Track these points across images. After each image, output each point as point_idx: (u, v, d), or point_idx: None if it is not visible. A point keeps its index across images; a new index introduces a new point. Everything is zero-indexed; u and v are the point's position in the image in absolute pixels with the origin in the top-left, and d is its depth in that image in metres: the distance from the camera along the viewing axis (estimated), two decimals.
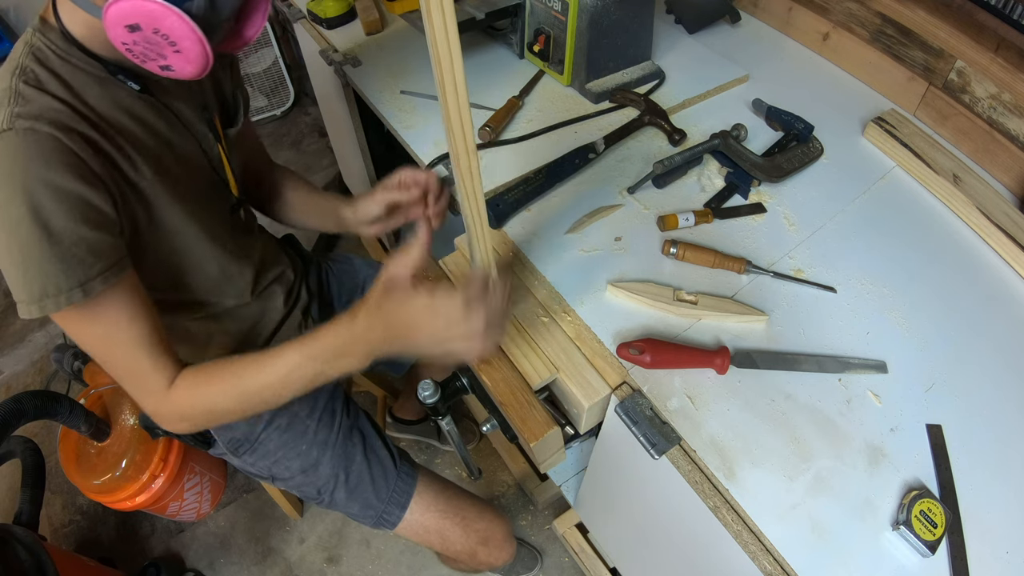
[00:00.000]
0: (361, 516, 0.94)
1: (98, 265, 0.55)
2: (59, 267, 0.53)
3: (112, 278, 0.57)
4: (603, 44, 0.97)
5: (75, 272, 0.54)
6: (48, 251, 0.53)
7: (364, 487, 0.92)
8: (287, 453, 0.91)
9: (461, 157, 0.52)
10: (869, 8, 0.96)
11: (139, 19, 0.50)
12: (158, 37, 0.52)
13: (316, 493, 0.93)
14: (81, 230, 0.54)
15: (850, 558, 0.57)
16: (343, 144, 1.59)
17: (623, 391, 0.68)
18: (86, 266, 0.55)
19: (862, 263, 0.79)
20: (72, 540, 1.53)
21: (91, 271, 0.55)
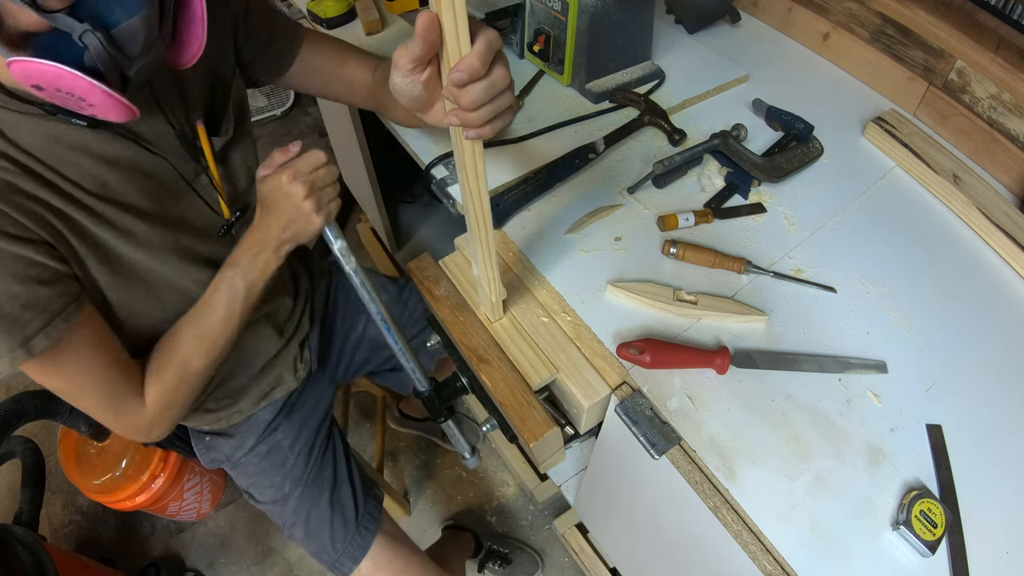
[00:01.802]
0: (317, 557, 0.93)
1: (35, 322, 0.54)
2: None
3: (54, 332, 0.56)
4: (603, 44, 0.97)
5: (13, 333, 0.53)
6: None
7: (322, 533, 0.92)
8: (261, 481, 0.92)
9: (471, 184, 0.51)
10: (869, 8, 0.96)
11: (37, 80, 0.47)
12: (64, 94, 0.49)
13: (283, 522, 0.94)
14: (13, 288, 0.53)
15: (850, 558, 0.57)
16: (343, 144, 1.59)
17: (623, 391, 0.68)
18: (22, 324, 0.53)
19: (862, 263, 0.79)
20: (72, 540, 1.53)
21: (28, 329, 0.54)
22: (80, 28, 0.46)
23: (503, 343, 0.72)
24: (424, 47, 0.42)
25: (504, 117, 0.47)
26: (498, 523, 1.50)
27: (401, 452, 1.63)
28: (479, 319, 0.74)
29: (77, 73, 0.47)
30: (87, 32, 0.46)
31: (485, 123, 0.46)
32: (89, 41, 0.47)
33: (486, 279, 0.65)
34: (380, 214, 1.68)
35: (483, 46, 0.41)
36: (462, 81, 0.42)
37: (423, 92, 0.49)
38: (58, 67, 0.46)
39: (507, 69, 0.45)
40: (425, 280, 0.79)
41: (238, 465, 0.92)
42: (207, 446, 0.92)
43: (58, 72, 0.46)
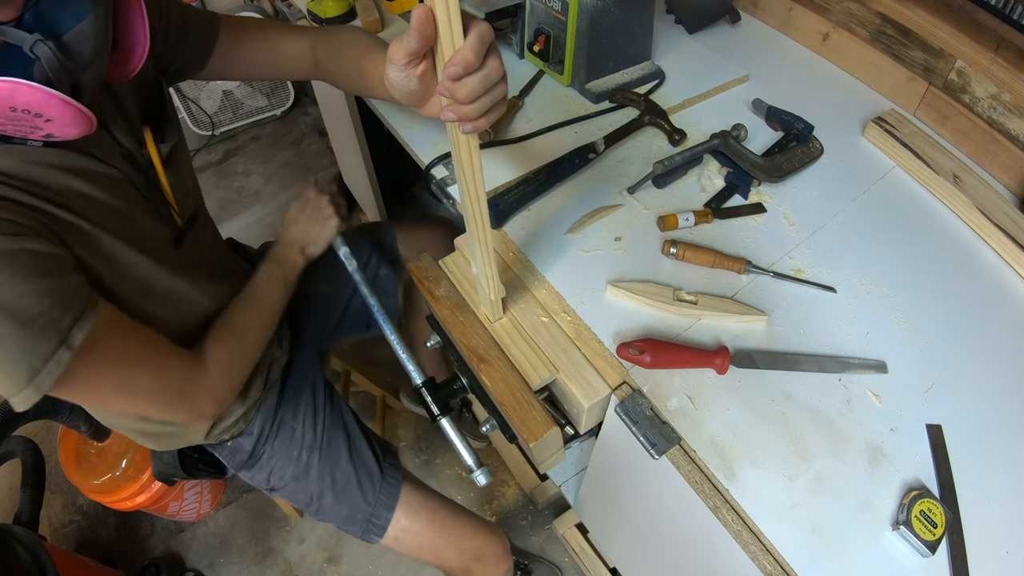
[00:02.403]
0: (351, 521, 0.94)
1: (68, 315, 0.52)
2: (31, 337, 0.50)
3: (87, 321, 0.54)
4: (603, 44, 0.97)
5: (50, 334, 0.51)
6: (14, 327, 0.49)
7: (351, 490, 0.93)
8: (280, 461, 0.92)
9: (465, 170, 0.52)
10: (869, 8, 0.96)
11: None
12: (20, 114, 0.46)
13: (308, 500, 0.94)
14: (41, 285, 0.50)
15: (850, 558, 0.57)
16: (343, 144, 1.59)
17: (623, 391, 0.68)
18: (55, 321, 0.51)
19: (862, 263, 0.79)
20: (72, 540, 1.53)
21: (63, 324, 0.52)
22: (31, 39, 0.44)
23: (503, 343, 0.72)
24: (419, 41, 0.42)
25: (499, 108, 0.47)
26: (498, 523, 1.50)
27: (401, 452, 1.63)
28: (479, 319, 0.74)
29: (34, 85, 0.44)
30: (38, 42, 0.44)
31: (481, 115, 0.46)
32: (41, 52, 0.45)
33: (485, 277, 0.65)
34: (380, 214, 1.68)
35: (475, 39, 0.41)
36: (457, 74, 0.42)
37: (419, 87, 0.49)
38: (14, 81, 0.43)
39: (500, 60, 0.45)
40: (425, 280, 0.79)
41: (258, 459, 0.92)
42: (231, 451, 0.92)
43: (14, 87, 0.44)
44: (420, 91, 0.50)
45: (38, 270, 0.50)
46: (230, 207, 2.28)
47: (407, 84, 0.48)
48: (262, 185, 2.35)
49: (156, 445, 0.87)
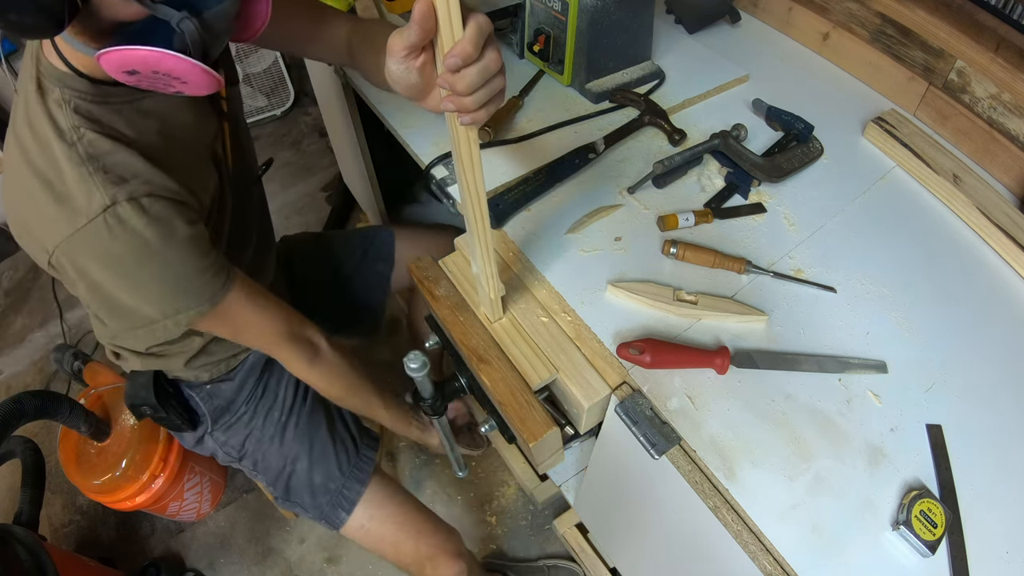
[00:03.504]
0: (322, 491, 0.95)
1: (219, 280, 0.66)
2: (193, 297, 0.65)
3: (230, 284, 0.68)
4: (603, 44, 0.97)
5: (204, 294, 0.65)
6: (178, 291, 0.64)
7: (328, 458, 0.95)
8: (260, 423, 0.95)
9: (465, 169, 0.52)
10: (869, 8, 0.96)
11: (134, 65, 0.50)
12: (159, 76, 0.52)
13: (282, 466, 0.95)
14: (200, 263, 0.63)
15: (850, 558, 0.57)
16: (343, 144, 1.59)
17: (623, 391, 0.68)
18: (212, 286, 0.66)
19: (862, 263, 0.79)
20: (72, 540, 1.53)
21: (215, 286, 0.66)
22: (178, 16, 0.49)
23: (503, 343, 0.72)
24: (420, 33, 0.43)
25: (497, 100, 0.48)
26: (498, 523, 1.50)
27: (400, 452, 1.63)
28: (479, 319, 0.74)
29: (180, 56, 0.50)
30: (185, 19, 0.49)
31: (480, 107, 0.47)
32: (185, 27, 0.49)
33: (484, 275, 0.65)
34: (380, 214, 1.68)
35: (474, 31, 0.42)
36: (456, 66, 0.43)
37: (419, 79, 0.50)
38: (161, 52, 0.49)
39: (498, 52, 0.46)
40: (425, 280, 0.79)
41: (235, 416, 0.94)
42: (209, 394, 0.93)
43: (159, 57, 0.49)
44: (420, 84, 0.51)
45: (203, 250, 0.64)
46: None
47: (407, 76, 0.50)
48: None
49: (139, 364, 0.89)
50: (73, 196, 0.56)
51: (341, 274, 1.13)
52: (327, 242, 1.14)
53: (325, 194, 2.28)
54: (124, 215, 0.57)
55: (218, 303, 0.66)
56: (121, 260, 0.59)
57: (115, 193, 0.56)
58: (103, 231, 0.57)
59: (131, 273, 0.60)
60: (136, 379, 0.89)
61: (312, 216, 2.22)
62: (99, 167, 0.57)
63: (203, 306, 0.65)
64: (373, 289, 1.15)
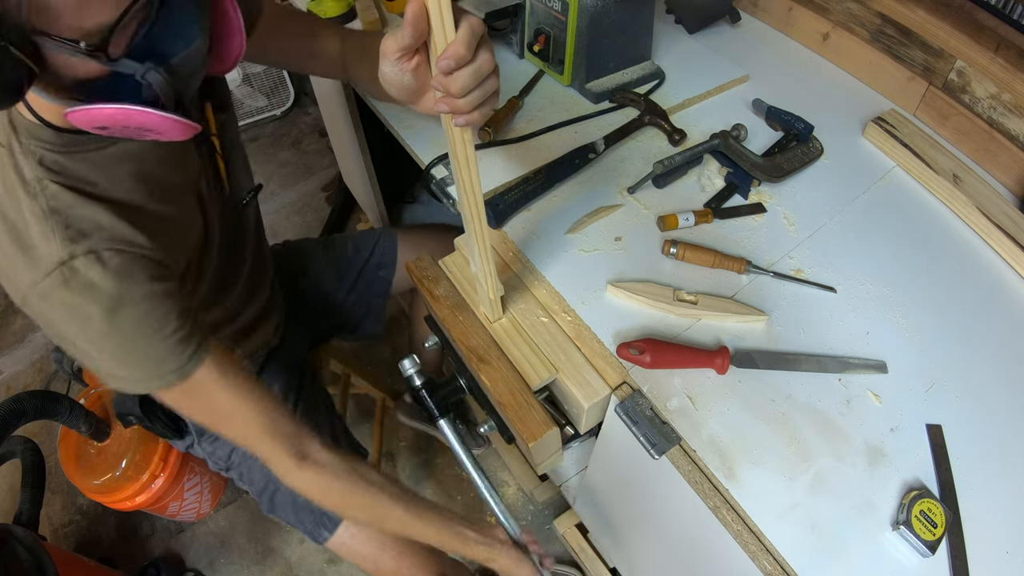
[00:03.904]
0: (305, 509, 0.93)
1: (188, 350, 0.59)
2: (150, 363, 0.58)
3: (203, 354, 0.61)
4: (603, 44, 0.97)
5: (170, 363, 0.59)
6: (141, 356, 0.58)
7: None
8: None
9: (461, 168, 0.52)
10: (869, 8, 0.96)
11: (103, 122, 0.48)
12: (131, 130, 0.50)
13: (266, 482, 0.94)
14: (168, 327, 0.58)
15: (850, 558, 0.57)
16: (343, 144, 1.59)
17: (623, 391, 0.68)
18: (177, 355, 0.59)
19: (862, 263, 0.79)
20: (72, 540, 1.53)
21: (182, 358, 0.59)
22: (142, 68, 0.47)
23: (502, 343, 0.72)
24: (413, 35, 0.43)
25: (491, 102, 0.48)
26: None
27: (400, 452, 1.63)
28: (479, 319, 0.74)
29: (147, 111, 0.48)
30: (150, 71, 0.47)
31: (474, 109, 0.47)
32: (152, 78, 0.47)
33: (483, 274, 0.65)
34: (380, 214, 1.68)
35: (466, 32, 0.42)
36: (449, 68, 0.43)
37: (413, 81, 0.50)
38: (127, 108, 0.47)
39: (492, 54, 0.46)
40: (424, 280, 0.79)
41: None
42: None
43: (127, 113, 0.47)
44: (414, 86, 0.51)
45: (172, 312, 0.58)
46: None
47: (401, 79, 0.50)
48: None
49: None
50: (36, 246, 0.54)
51: (345, 282, 1.12)
52: (331, 249, 1.13)
53: (325, 194, 2.28)
54: (80, 268, 0.54)
55: (188, 376, 0.60)
56: (80, 313, 0.55)
57: (73, 249, 0.54)
58: (60, 284, 0.54)
59: (91, 327, 0.56)
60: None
61: (312, 216, 2.22)
62: (60, 221, 0.54)
63: (169, 376, 0.59)
64: (376, 295, 1.14)
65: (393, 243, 1.14)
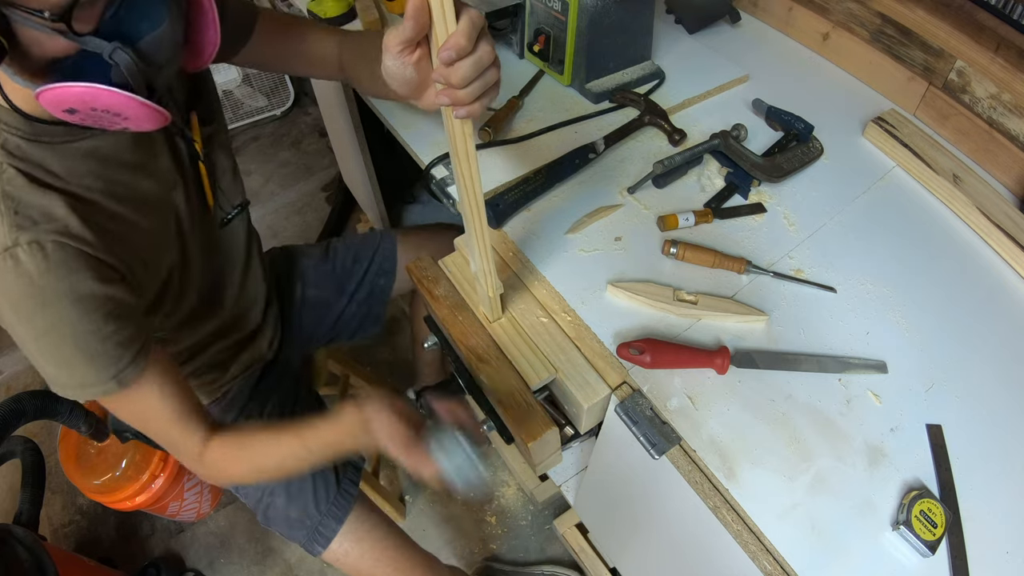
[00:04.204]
0: (298, 526, 0.93)
1: (127, 356, 0.59)
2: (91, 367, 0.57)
3: (141, 361, 0.60)
4: (603, 44, 0.97)
5: (108, 368, 0.58)
6: (79, 356, 0.56)
7: (305, 495, 0.93)
8: None
9: (461, 163, 0.52)
10: (869, 8, 0.96)
11: (71, 104, 0.48)
12: (99, 113, 0.49)
13: (259, 497, 0.94)
14: (107, 328, 0.57)
15: (850, 558, 0.57)
16: (343, 144, 1.59)
17: (623, 391, 0.68)
18: (116, 359, 0.58)
19: (862, 263, 0.79)
20: (72, 540, 1.53)
21: (121, 363, 0.58)
22: (109, 47, 0.47)
23: (502, 343, 0.72)
24: (414, 28, 0.44)
25: (491, 93, 0.49)
26: (498, 523, 1.50)
27: None
28: (478, 319, 0.74)
29: (114, 90, 0.48)
30: (117, 50, 0.47)
31: (474, 100, 0.47)
32: (119, 58, 0.47)
33: (482, 272, 0.65)
34: (380, 214, 1.68)
35: (467, 24, 0.43)
36: (450, 59, 0.44)
37: (415, 74, 0.51)
38: (95, 87, 0.47)
39: (492, 45, 0.46)
40: (424, 280, 0.79)
41: None
42: None
43: (95, 92, 0.47)
44: (416, 80, 0.51)
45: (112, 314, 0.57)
46: None
47: (403, 72, 0.50)
48: (261, 185, 2.35)
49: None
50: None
51: (345, 293, 1.11)
52: (332, 259, 1.12)
53: (325, 194, 2.28)
54: (22, 257, 0.53)
55: (127, 384, 0.59)
56: (20, 304, 0.54)
57: (18, 236, 0.53)
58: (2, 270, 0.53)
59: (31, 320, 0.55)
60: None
61: (312, 216, 2.22)
62: (11, 207, 0.53)
63: (108, 384, 0.58)
64: (376, 299, 1.14)
65: (393, 248, 1.13)
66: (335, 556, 0.95)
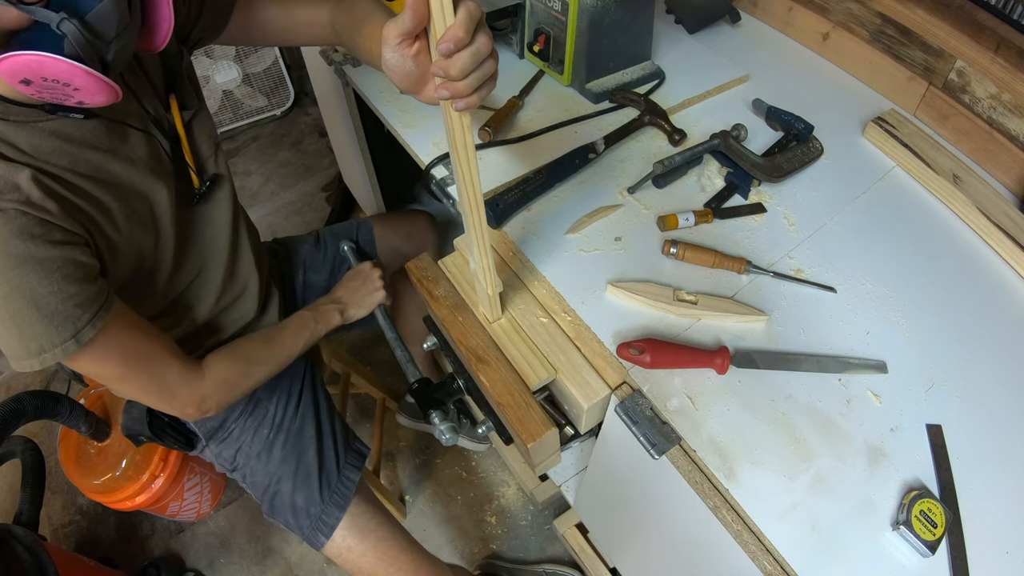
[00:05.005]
0: (303, 514, 0.94)
1: (85, 315, 0.61)
2: (50, 327, 0.59)
3: (100, 321, 0.62)
4: (603, 44, 0.97)
5: (66, 327, 0.60)
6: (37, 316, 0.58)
7: (311, 482, 0.95)
8: (249, 438, 0.96)
9: (460, 158, 0.52)
10: (869, 8, 0.96)
11: (24, 74, 0.50)
12: (51, 83, 0.52)
13: (267, 484, 0.95)
14: (66, 290, 0.59)
15: (850, 558, 0.57)
16: (343, 144, 1.59)
17: (623, 391, 0.68)
18: (74, 319, 0.60)
19: (862, 263, 0.79)
20: (72, 540, 1.53)
21: (79, 322, 0.60)
22: (56, 17, 0.50)
23: (502, 343, 0.72)
24: (414, 20, 0.45)
25: (489, 85, 0.50)
26: (498, 523, 1.50)
27: (400, 452, 1.63)
28: (478, 319, 0.74)
29: (60, 58, 0.50)
30: (64, 20, 0.50)
31: (473, 91, 0.48)
32: (67, 28, 0.50)
33: (481, 269, 0.65)
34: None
35: (464, 16, 0.44)
36: (449, 51, 0.45)
37: (414, 67, 0.52)
38: (40, 55, 0.49)
39: (489, 37, 0.47)
40: (424, 280, 0.79)
41: (228, 432, 0.95)
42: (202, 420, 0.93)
43: (40, 60, 0.49)
44: (416, 72, 0.52)
45: (71, 276, 0.59)
46: None
47: (403, 64, 0.51)
48: (261, 185, 2.35)
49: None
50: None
51: (339, 274, 1.14)
52: (323, 247, 1.16)
53: (325, 194, 2.28)
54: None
55: (85, 342, 0.61)
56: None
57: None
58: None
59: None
60: (131, 411, 0.91)
61: (312, 216, 2.22)
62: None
63: (66, 344, 0.60)
64: None
65: (370, 233, 1.19)
66: (338, 551, 0.95)
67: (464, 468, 1.60)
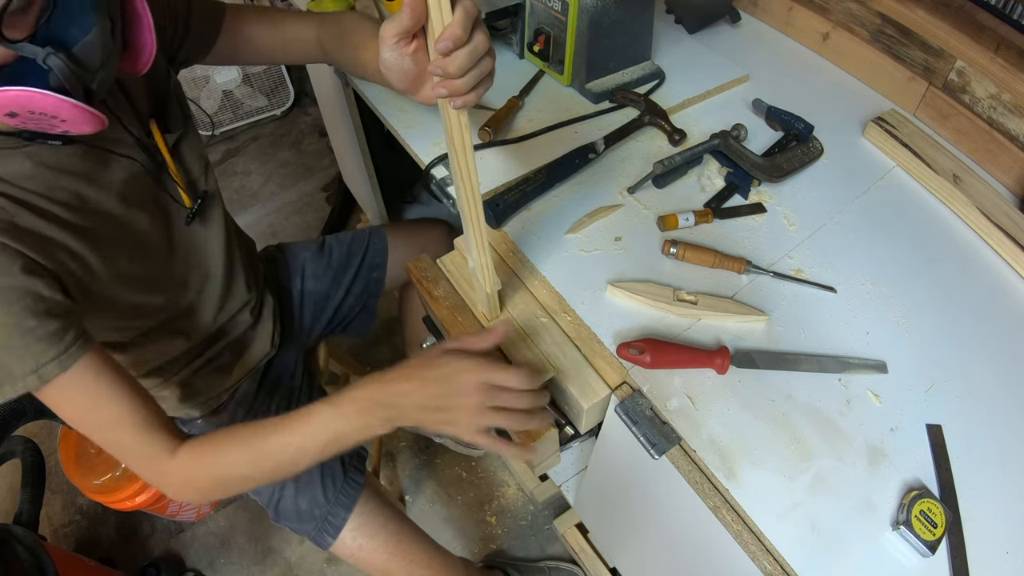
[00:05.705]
0: (307, 517, 0.94)
1: (50, 351, 0.56)
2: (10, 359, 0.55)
3: (70, 360, 0.58)
4: (603, 44, 0.97)
5: (25, 362, 0.56)
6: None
7: (314, 484, 0.94)
8: None
9: (458, 156, 0.52)
10: (869, 8, 0.96)
11: (11, 107, 0.50)
12: (38, 116, 0.51)
13: (271, 493, 0.95)
14: (28, 322, 0.55)
15: (850, 558, 0.57)
16: (343, 144, 1.59)
17: (623, 391, 0.68)
18: (36, 354, 0.56)
19: (862, 263, 0.79)
20: (72, 540, 1.53)
21: (42, 358, 0.56)
22: (43, 52, 0.49)
23: (501, 343, 0.72)
24: (412, 18, 0.46)
25: (487, 83, 0.51)
26: (498, 523, 1.50)
27: (400, 452, 1.63)
28: (477, 319, 0.74)
29: (48, 93, 0.49)
30: (50, 55, 0.49)
31: (470, 89, 0.48)
32: (53, 63, 0.49)
33: (479, 267, 0.65)
34: (380, 214, 1.68)
35: (462, 14, 0.44)
36: (447, 49, 0.45)
37: (413, 66, 0.52)
38: (30, 91, 0.49)
39: (486, 35, 0.48)
40: (424, 280, 0.79)
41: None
42: (201, 429, 0.94)
43: (30, 95, 0.49)
44: (414, 71, 0.53)
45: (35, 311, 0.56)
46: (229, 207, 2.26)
47: (401, 63, 0.52)
48: (261, 185, 2.35)
49: None
50: None
51: (342, 286, 1.13)
52: (327, 254, 1.14)
53: (325, 194, 2.28)
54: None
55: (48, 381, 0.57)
56: None
57: None
58: None
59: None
60: None
61: (312, 216, 2.22)
62: None
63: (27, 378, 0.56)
64: (370, 293, 1.16)
65: (383, 243, 1.16)
66: (350, 551, 0.95)
67: (464, 468, 1.60)
